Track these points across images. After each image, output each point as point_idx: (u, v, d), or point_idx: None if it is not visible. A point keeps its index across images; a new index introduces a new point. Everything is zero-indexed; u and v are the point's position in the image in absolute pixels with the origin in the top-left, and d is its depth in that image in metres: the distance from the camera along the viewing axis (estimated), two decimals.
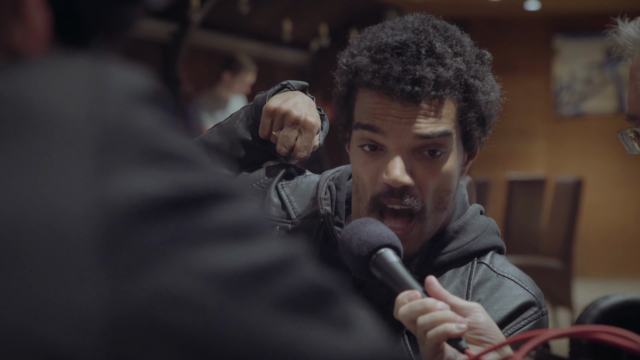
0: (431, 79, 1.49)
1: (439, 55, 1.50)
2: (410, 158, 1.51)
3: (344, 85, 1.56)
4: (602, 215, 10.40)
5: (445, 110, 1.51)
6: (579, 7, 10.12)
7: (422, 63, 1.49)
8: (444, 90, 1.50)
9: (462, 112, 1.53)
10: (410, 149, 1.50)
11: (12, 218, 0.58)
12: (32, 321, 0.57)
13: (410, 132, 1.50)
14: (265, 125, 1.66)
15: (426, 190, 1.52)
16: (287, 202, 1.65)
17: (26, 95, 0.61)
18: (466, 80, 1.53)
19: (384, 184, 1.50)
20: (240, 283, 0.60)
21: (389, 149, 1.51)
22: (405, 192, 1.50)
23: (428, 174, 1.52)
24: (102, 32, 0.68)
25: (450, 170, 1.53)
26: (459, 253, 1.57)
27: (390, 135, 1.50)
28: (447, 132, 1.51)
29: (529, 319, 1.52)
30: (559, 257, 7.33)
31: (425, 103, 1.50)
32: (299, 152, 1.65)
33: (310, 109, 1.67)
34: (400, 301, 1.32)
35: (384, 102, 1.50)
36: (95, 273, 0.58)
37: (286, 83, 1.71)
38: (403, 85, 1.48)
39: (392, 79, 1.48)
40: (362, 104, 1.53)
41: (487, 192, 7.66)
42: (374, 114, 1.51)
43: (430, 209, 1.52)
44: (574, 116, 10.70)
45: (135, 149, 0.60)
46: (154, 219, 0.59)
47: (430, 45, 1.50)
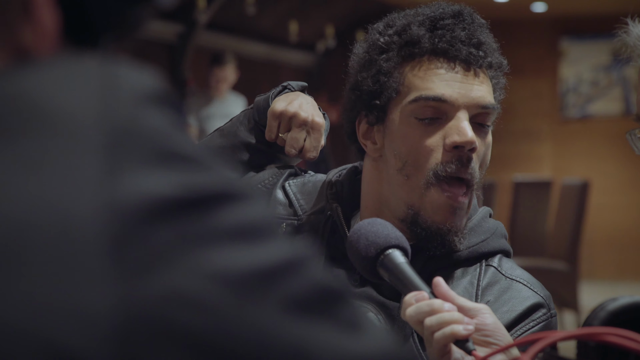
0: (489, 45, 1.55)
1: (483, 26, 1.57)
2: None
3: (386, 61, 1.55)
4: (608, 218, 10.38)
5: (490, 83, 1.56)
6: (585, 9, 10.11)
7: (478, 29, 1.55)
8: (493, 60, 1.56)
9: (493, 90, 1.58)
10: (470, 114, 1.53)
11: (22, 218, 0.58)
12: (41, 322, 0.57)
13: (475, 100, 1.53)
14: (272, 128, 1.66)
15: (479, 160, 1.54)
16: (293, 199, 1.65)
17: (36, 95, 0.61)
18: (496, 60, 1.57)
19: (452, 149, 1.51)
20: (249, 284, 0.60)
21: (455, 115, 1.52)
22: (471, 159, 1.52)
23: (481, 144, 1.55)
24: (111, 33, 0.68)
25: (490, 144, 1.57)
26: (468, 253, 1.57)
27: (457, 102, 1.52)
28: (496, 106, 1.56)
29: (538, 320, 1.52)
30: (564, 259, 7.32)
31: (482, 72, 1.54)
32: (308, 152, 1.66)
33: (315, 109, 1.68)
34: (408, 302, 1.32)
35: (446, 69, 1.53)
36: (105, 274, 0.58)
37: (287, 84, 1.72)
38: (469, 47, 1.53)
39: (458, 41, 1.53)
40: (420, 74, 1.54)
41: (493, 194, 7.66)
42: (439, 82, 1.53)
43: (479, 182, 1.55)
44: (580, 118, 10.69)
45: (145, 149, 0.60)
46: (163, 219, 0.59)
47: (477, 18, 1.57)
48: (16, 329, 0.57)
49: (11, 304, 0.57)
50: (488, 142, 1.56)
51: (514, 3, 9.84)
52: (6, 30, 0.65)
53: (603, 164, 10.45)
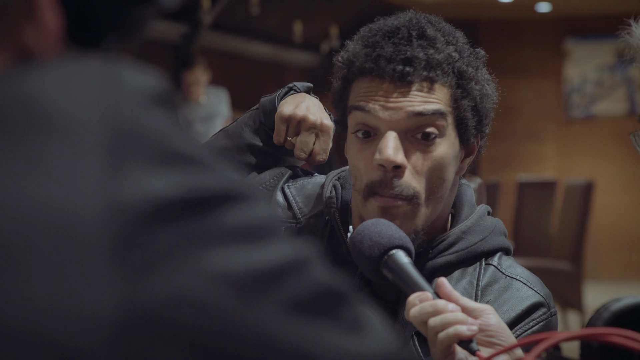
0: (422, 58, 1.49)
1: (430, 39, 1.52)
2: (404, 141, 1.50)
3: (339, 79, 1.57)
4: (612, 218, 10.37)
5: (438, 93, 1.51)
6: (590, 9, 10.10)
7: (413, 44, 1.50)
8: (435, 71, 1.50)
9: (455, 99, 1.53)
10: (403, 130, 1.50)
11: (25, 219, 0.58)
12: (44, 323, 0.57)
13: (403, 110, 1.49)
14: (280, 132, 1.66)
15: (419, 175, 1.51)
16: (292, 202, 1.65)
17: (39, 96, 0.61)
18: (459, 67, 1.53)
19: (378, 167, 1.49)
20: (252, 285, 0.60)
21: (382, 131, 1.50)
22: (397, 178, 1.49)
23: (421, 158, 1.50)
24: (114, 33, 0.68)
25: (444, 157, 1.52)
26: (466, 253, 1.57)
27: (382, 116, 1.50)
28: (440, 111, 1.51)
29: (538, 319, 1.52)
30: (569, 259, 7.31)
31: (417, 84, 1.50)
32: (317, 155, 1.66)
33: (322, 111, 1.68)
34: (411, 302, 1.32)
35: (377, 85, 1.51)
36: (108, 275, 0.58)
37: (292, 85, 1.72)
38: (395, 65, 1.49)
39: (383, 59, 1.49)
40: (356, 91, 1.54)
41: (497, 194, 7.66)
42: (367, 97, 1.51)
43: (424, 196, 1.52)
44: (585, 118, 10.68)
45: (148, 150, 0.60)
46: (165, 220, 0.59)
47: (422, 30, 1.52)
48: (19, 330, 0.57)
49: (14, 305, 0.57)
50: (435, 157, 1.51)
51: (518, 3, 9.84)
52: (9, 31, 0.65)
53: (607, 164, 10.44)
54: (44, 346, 0.57)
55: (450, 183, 1.55)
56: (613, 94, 10.52)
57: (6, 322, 0.57)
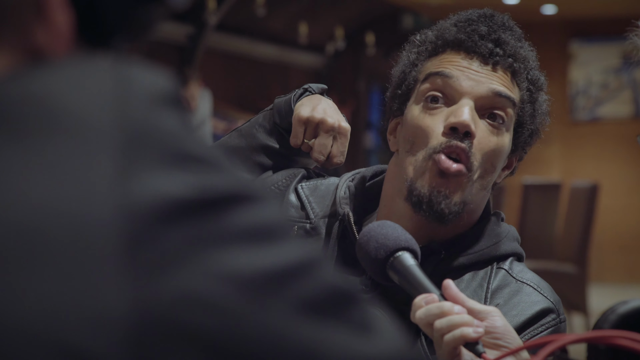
0: (512, 46, 1.55)
1: (518, 36, 1.59)
2: (474, 115, 1.52)
3: (414, 53, 1.59)
4: (617, 220, 10.36)
5: (514, 87, 1.55)
6: (595, 11, 10.10)
7: (507, 32, 1.57)
8: (519, 65, 1.55)
9: (522, 101, 1.57)
10: (478, 105, 1.52)
11: (36, 220, 0.58)
12: (55, 324, 0.57)
13: (485, 85, 1.53)
14: (298, 134, 1.66)
15: (481, 151, 1.52)
16: (306, 202, 1.65)
17: (50, 96, 0.61)
18: (534, 75, 1.58)
19: (449, 130, 1.50)
20: (261, 285, 0.61)
21: (459, 98, 1.52)
22: (464, 141, 1.50)
23: (487, 136, 1.53)
24: (124, 33, 0.68)
25: (502, 146, 1.55)
26: (478, 256, 1.57)
27: (463, 84, 1.52)
28: (514, 100, 1.55)
29: (547, 325, 1.52)
30: (574, 261, 7.31)
31: (500, 69, 1.54)
32: (335, 158, 1.66)
33: (339, 114, 1.68)
34: (417, 304, 1.32)
35: (462, 58, 1.54)
36: (119, 275, 0.58)
37: (307, 87, 1.71)
38: (487, 42, 1.54)
39: (477, 34, 1.54)
40: (437, 61, 1.56)
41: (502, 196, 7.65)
42: (450, 64, 1.54)
43: (479, 174, 1.53)
44: (590, 121, 10.67)
45: (159, 151, 0.61)
46: (176, 221, 0.59)
47: (512, 26, 1.59)
48: (30, 331, 0.57)
49: (26, 305, 0.58)
50: (497, 142, 1.53)
51: (523, 5, 9.83)
52: (20, 31, 0.65)
53: (612, 166, 10.43)
54: (55, 347, 0.57)
55: (495, 177, 1.57)
56: (618, 97, 10.51)
57: (18, 323, 0.57)
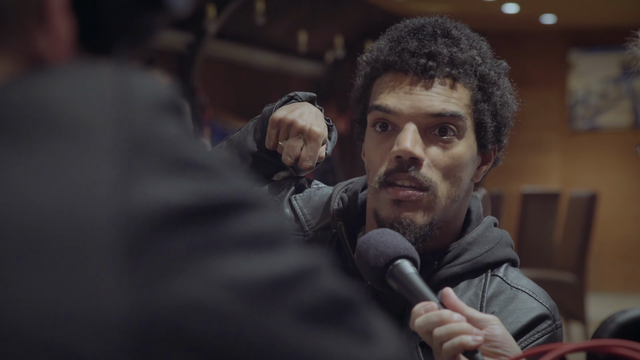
0: (446, 55, 1.52)
1: (455, 39, 1.55)
2: (423, 137, 1.52)
3: (362, 77, 1.59)
4: (616, 230, 10.36)
5: (459, 94, 1.53)
6: (594, 21, 10.11)
7: (438, 41, 1.53)
8: (458, 69, 1.52)
9: (476, 101, 1.54)
10: (422, 126, 1.51)
11: (38, 225, 0.58)
12: (54, 328, 0.57)
13: (422, 109, 1.51)
14: (271, 136, 1.66)
15: (437, 168, 1.52)
16: (300, 214, 1.65)
17: (51, 102, 0.61)
18: (482, 71, 1.55)
19: (395, 158, 1.50)
20: (262, 292, 0.61)
21: (401, 126, 1.52)
22: (413, 166, 1.50)
23: (440, 153, 1.52)
24: (125, 40, 0.68)
25: (462, 156, 1.53)
26: (472, 264, 1.57)
27: (403, 113, 1.51)
28: (458, 114, 1.52)
29: (543, 332, 1.52)
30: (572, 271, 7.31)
31: (439, 80, 1.52)
32: (304, 161, 1.65)
33: (316, 119, 1.67)
34: (417, 312, 1.32)
35: (399, 81, 1.53)
36: (119, 281, 0.58)
37: (293, 94, 1.72)
38: (418, 58, 1.51)
39: (407, 52, 1.52)
40: (378, 89, 1.56)
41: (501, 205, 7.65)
42: (388, 93, 1.53)
43: (441, 189, 1.52)
44: (589, 130, 10.68)
45: (160, 157, 0.61)
46: (177, 227, 0.59)
47: (447, 30, 1.55)
48: (30, 334, 0.57)
49: (25, 308, 0.58)
50: (453, 154, 1.52)
51: (523, 15, 9.84)
52: (21, 38, 0.65)
53: (611, 175, 10.43)
54: (55, 351, 0.57)
55: (465, 185, 1.56)
56: (617, 106, 10.52)
57: (18, 326, 0.57)
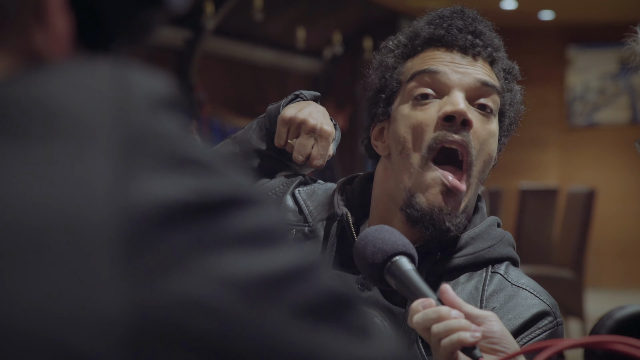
0: (489, 37, 1.58)
1: (489, 26, 1.60)
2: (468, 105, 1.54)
3: (392, 57, 1.60)
4: (614, 226, 10.37)
5: (495, 77, 1.57)
6: (593, 17, 10.11)
7: (480, 24, 1.58)
8: (497, 54, 1.58)
9: (502, 90, 1.58)
10: (467, 95, 1.54)
11: (35, 222, 0.59)
12: (53, 325, 0.58)
13: (472, 75, 1.54)
14: (281, 134, 1.67)
15: (478, 140, 1.53)
16: (303, 206, 1.66)
17: (49, 99, 0.61)
18: (507, 64, 1.60)
19: (444, 119, 1.51)
20: (259, 289, 0.61)
21: (450, 87, 1.54)
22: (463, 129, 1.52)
23: (480, 125, 1.54)
24: (123, 37, 0.68)
25: (494, 134, 1.56)
26: (474, 258, 1.57)
27: (452, 76, 1.54)
28: (498, 89, 1.57)
29: (544, 328, 1.52)
30: (570, 267, 7.31)
31: (481, 60, 1.56)
32: (315, 160, 1.66)
33: (325, 117, 1.68)
34: (415, 309, 1.32)
35: (444, 54, 1.56)
36: (117, 278, 0.58)
37: (299, 93, 1.72)
38: (467, 35, 1.56)
39: (455, 28, 1.55)
40: (419, 61, 1.57)
41: (499, 202, 7.66)
42: (432, 61, 1.56)
43: (476, 167, 1.54)
44: (587, 126, 10.68)
45: (158, 154, 0.61)
46: (175, 224, 0.60)
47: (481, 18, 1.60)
48: (28, 331, 0.57)
49: (23, 306, 0.58)
50: (490, 130, 1.55)
51: (521, 11, 9.84)
52: (19, 35, 0.65)
53: (609, 172, 10.44)
54: (53, 348, 0.57)
55: (490, 167, 1.58)
56: (615, 102, 10.53)
57: (16, 324, 0.57)
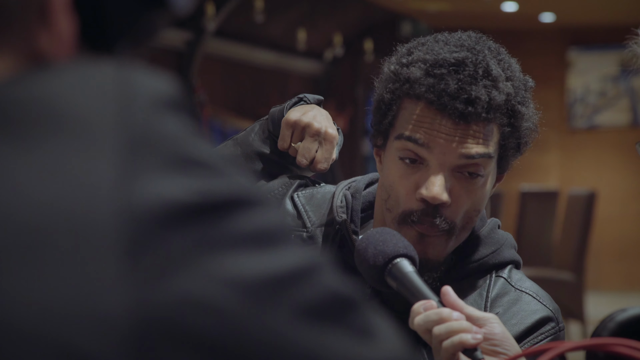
0: (485, 100, 1.48)
1: (495, 78, 1.50)
2: (450, 177, 1.50)
3: (389, 92, 1.54)
4: (615, 228, 10.37)
5: (490, 133, 1.51)
6: (593, 19, 10.11)
7: (479, 84, 1.48)
8: (494, 114, 1.50)
9: (504, 137, 1.53)
10: (451, 167, 1.50)
11: (39, 222, 0.59)
12: (56, 325, 0.58)
13: (456, 150, 1.49)
14: (285, 137, 1.67)
15: (459, 210, 1.51)
16: (302, 211, 1.65)
17: (53, 100, 0.61)
18: (514, 106, 1.53)
19: (421, 199, 1.49)
20: (263, 290, 0.61)
21: (431, 165, 1.50)
22: (438, 212, 1.50)
23: (464, 194, 1.51)
24: (127, 38, 0.68)
25: (484, 193, 1.54)
26: (478, 265, 1.57)
27: (435, 151, 1.49)
28: (490, 155, 1.51)
29: (547, 334, 1.52)
30: (571, 269, 7.31)
31: (474, 124, 1.49)
32: (319, 163, 1.66)
33: (329, 121, 1.68)
34: (416, 311, 1.32)
35: (434, 117, 1.49)
36: (120, 278, 0.58)
37: (303, 96, 1.72)
38: (458, 103, 1.47)
39: (447, 95, 1.47)
40: (408, 115, 1.52)
41: (499, 204, 7.66)
42: (422, 127, 1.50)
43: (458, 227, 1.53)
44: (588, 128, 10.68)
45: (161, 155, 0.61)
46: (178, 225, 0.60)
47: (487, 67, 1.50)
48: (31, 330, 0.57)
49: (26, 305, 0.58)
50: (478, 194, 1.52)
51: (522, 13, 9.84)
52: (23, 35, 0.65)
53: (610, 174, 10.44)
54: (56, 348, 0.57)
55: (482, 211, 1.58)
56: (616, 105, 10.53)
57: (19, 324, 0.58)
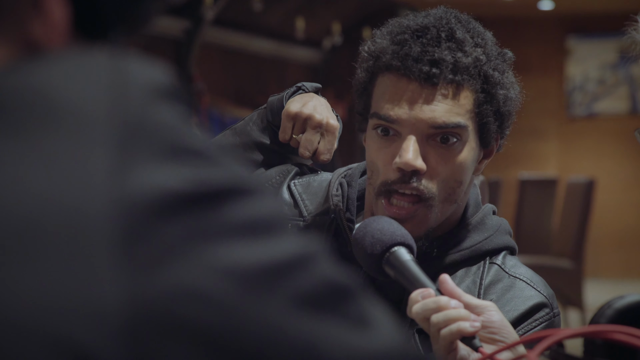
0: (449, 62, 1.49)
1: (459, 41, 1.50)
2: (424, 144, 1.50)
3: (364, 71, 1.56)
4: (613, 216, 10.37)
5: (463, 99, 1.50)
6: (592, 7, 10.10)
7: (442, 46, 1.49)
8: (462, 75, 1.49)
9: (479, 104, 1.52)
10: (424, 134, 1.50)
11: (32, 213, 0.58)
12: (51, 317, 0.57)
13: (424, 120, 1.49)
14: (286, 129, 1.66)
15: (437, 177, 1.51)
16: (299, 200, 1.65)
17: (47, 89, 0.61)
18: (485, 72, 1.52)
19: (397, 168, 1.50)
20: (258, 279, 0.60)
21: (403, 134, 1.50)
22: (415, 177, 1.50)
23: (440, 161, 1.51)
24: (121, 27, 0.68)
25: (463, 161, 1.52)
26: (471, 252, 1.57)
27: (404, 123, 1.50)
28: (460, 125, 1.50)
29: (541, 320, 1.52)
30: (570, 257, 7.32)
31: (442, 87, 1.49)
32: (322, 155, 1.66)
33: (329, 111, 1.68)
34: (414, 299, 1.32)
35: (402, 86, 1.50)
36: (115, 268, 0.58)
37: (301, 85, 1.72)
38: (421, 65, 1.48)
39: (410, 58, 1.49)
40: (381, 92, 1.53)
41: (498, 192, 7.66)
42: (389, 99, 1.51)
43: (439, 198, 1.52)
44: (587, 116, 10.68)
45: (156, 144, 0.60)
46: (173, 214, 0.59)
47: (451, 31, 1.51)
48: (27, 324, 0.57)
49: (22, 299, 0.58)
50: (455, 161, 1.51)
51: (520, 1, 9.83)
52: (16, 24, 0.65)
53: (609, 162, 10.44)
54: (52, 340, 0.57)
55: (466, 184, 1.56)
56: (615, 92, 10.52)
57: (14, 317, 0.57)
